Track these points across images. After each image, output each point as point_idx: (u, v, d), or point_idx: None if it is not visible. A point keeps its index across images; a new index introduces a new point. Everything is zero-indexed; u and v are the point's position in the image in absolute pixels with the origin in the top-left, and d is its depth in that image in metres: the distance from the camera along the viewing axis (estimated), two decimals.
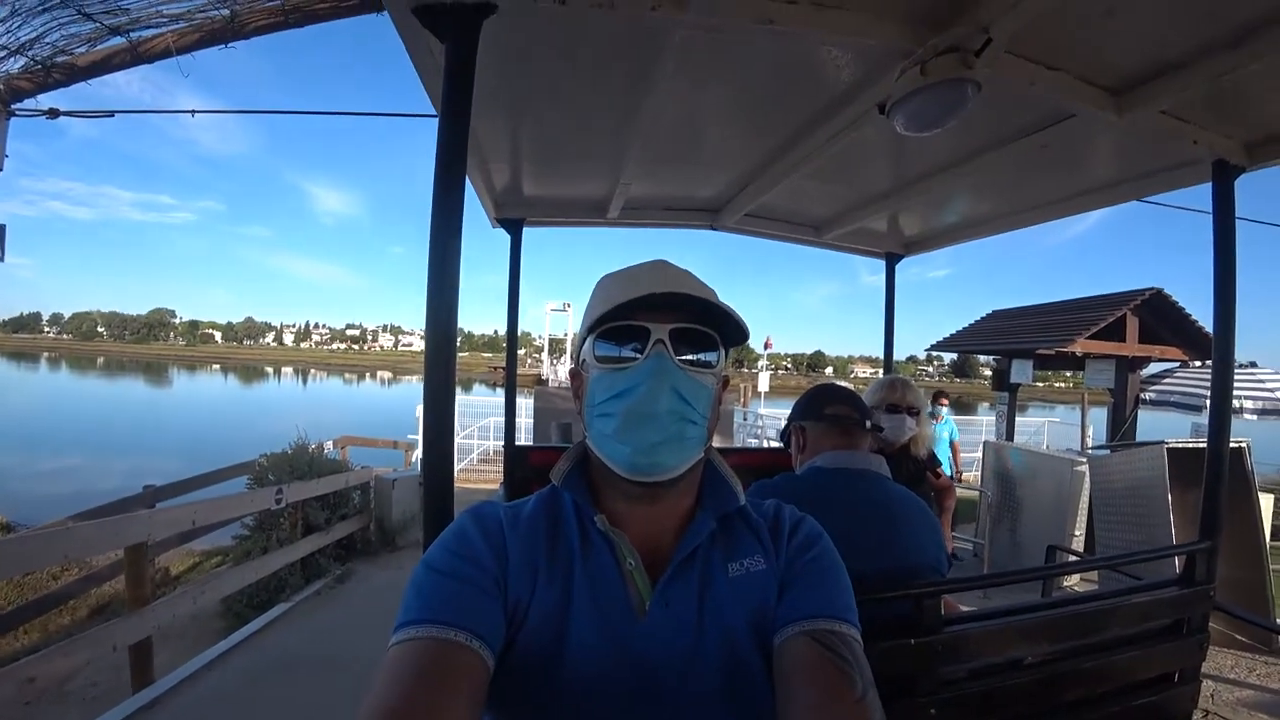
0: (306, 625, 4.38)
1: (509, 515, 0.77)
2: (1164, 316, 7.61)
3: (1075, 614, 1.56)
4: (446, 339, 1.24)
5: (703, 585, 0.76)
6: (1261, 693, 3.53)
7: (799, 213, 3.18)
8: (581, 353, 0.81)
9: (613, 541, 0.75)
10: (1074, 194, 2.46)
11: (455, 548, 0.72)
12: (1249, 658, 3.94)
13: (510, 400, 3.26)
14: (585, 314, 0.82)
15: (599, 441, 0.77)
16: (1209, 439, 1.87)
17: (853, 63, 1.60)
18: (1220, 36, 1.37)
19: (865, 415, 1.53)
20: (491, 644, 0.66)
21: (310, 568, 5.32)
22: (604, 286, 0.83)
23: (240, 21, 2.64)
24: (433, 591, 0.67)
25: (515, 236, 3.03)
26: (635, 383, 0.73)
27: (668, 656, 0.71)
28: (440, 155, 1.23)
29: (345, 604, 4.90)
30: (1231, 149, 1.80)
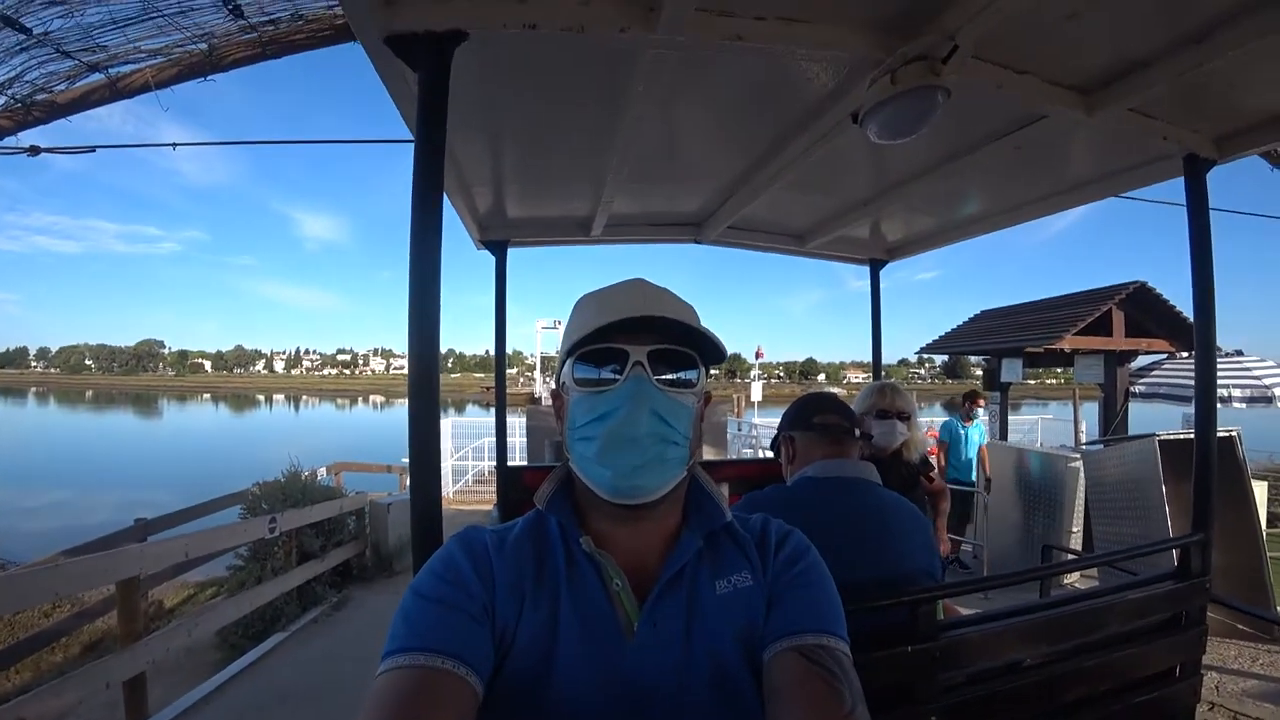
0: (304, 654, 4.32)
1: (495, 540, 0.77)
2: (1149, 309, 7.67)
3: (1073, 613, 1.55)
4: (429, 363, 1.25)
5: (690, 604, 0.75)
6: (1266, 682, 3.53)
7: (781, 223, 3.21)
8: (561, 375, 0.81)
9: (599, 563, 0.75)
10: (1051, 193, 2.50)
11: (443, 573, 0.72)
12: (1252, 647, 3.94)
13: (500, 420, 3.25)
14: (564, 335, 0.82)
15: (581, 464, 0.77)
16: (1196, 429, 1.88)
17: (824, 74, 1.62)
18: (1183, 34, 1.40)
19: (854, 423, 1.53)
20: (480, 671, 0.65)
21: (307, 596, 5.26)
22: (582, 308, 0.83)
23: (218, 55, 2.65)
24: (420, 619, 0.67)
25: (500, 258, 3.04)
26: (614, 406, 0.73)
27: (657, 677, 0.71)
28: (417, 181, 1.23)
29: (343, 631, 4.84)
30: (1201, 143, 1.83)
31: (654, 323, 0.74)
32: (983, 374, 9.91)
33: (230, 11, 2.48)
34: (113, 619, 4.59)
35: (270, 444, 26.59)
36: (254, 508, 5.64)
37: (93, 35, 2.64)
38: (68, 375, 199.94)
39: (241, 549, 5.27)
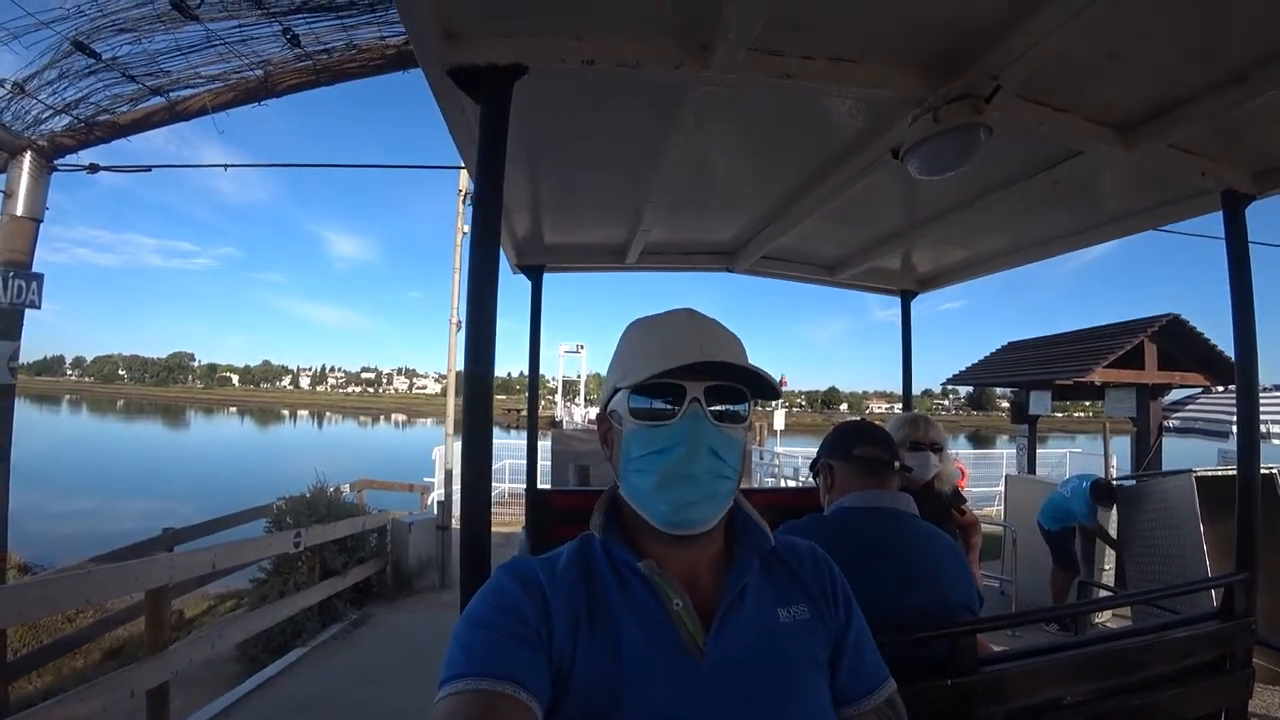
0: (323, 670, 4.34)
1: (545, 570, 0.77)
2: (1182, 342, 7.52)
3: (1114, 650, 1.53)
4: (484, 390, 1.28)
5: (758, 626, 0.78)
6: None
7: (813, 254, 3.24)
8: (612, 403, 0.82)
9: (655, 585, 0.76)
10: (1086, 227, 2.50)
11: (497, 603, 0.72)
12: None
13: (532, 445, 3.28)
14: (617, 363, 0.84)
15: (635, 495, 0.79)
16: (1239, 466, 1.85)
17: (866, 111, 1.66)
18: (1224, 73, 1.42)
19: (894, 455, 1.52)
20: (540, 698, 0.66)
21: (327, 612, 5.29)
22: (637, 339, 0.84)
23: (273, 81, 2.78)
24: (478, 646, 0.68)
25: (536, 283, 3.11)
26: (674, 442, 0.75)
27: (733, 694, 0.72)
28: (478, 210, 1.29)
29: (362, 648, 4.86)
30: (1240, 179, 1.84)
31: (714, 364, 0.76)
32: (1009, 406, 9.75)
33: (288, 41, 2.60)
34: (134, 626, 4.67)
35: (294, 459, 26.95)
36: (279, 522, 5.71)
37: (158, 61, 2.79)
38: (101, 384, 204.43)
39: (265, 562, 5.33)
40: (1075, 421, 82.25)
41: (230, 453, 40.89)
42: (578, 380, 36.43)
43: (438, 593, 6.32)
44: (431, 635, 5.10)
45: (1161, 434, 7.33)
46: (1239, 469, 1.84)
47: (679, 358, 0.75)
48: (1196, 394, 7.81)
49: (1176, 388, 7.68)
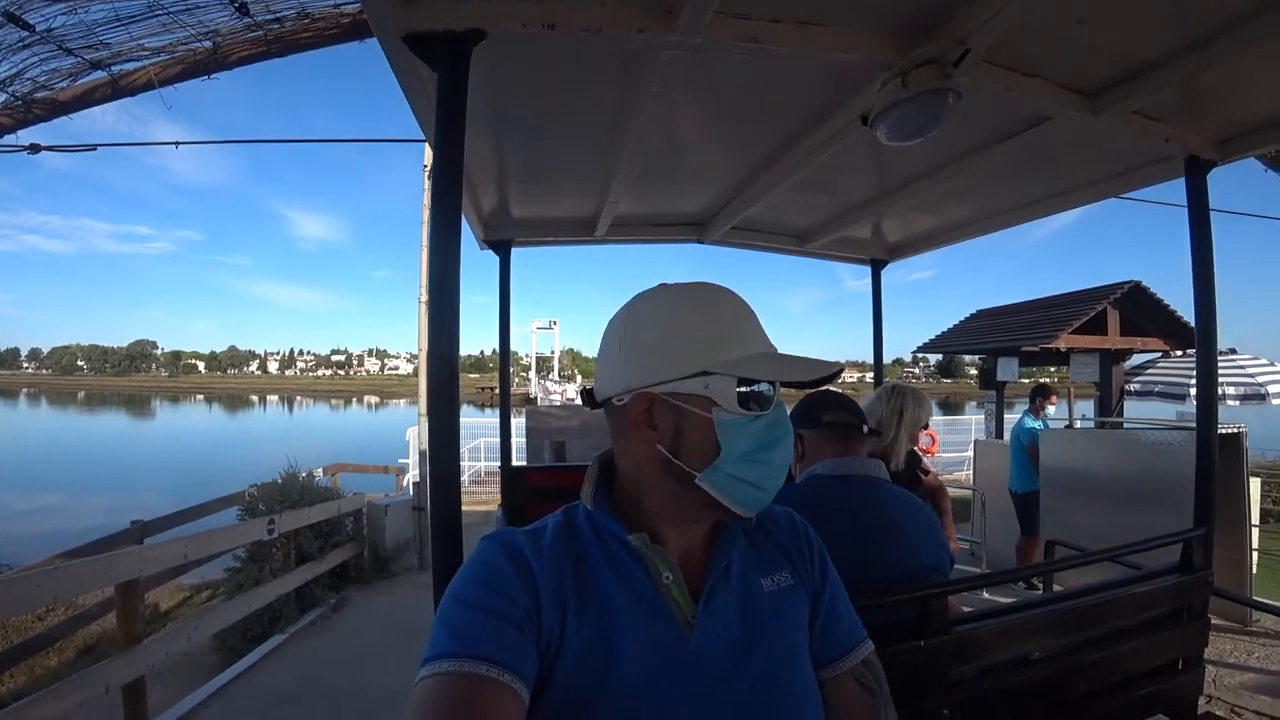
0: (303, 657, 4.32)
1: (532, 544, 0.75)
2: (1144, 308, 7.75)
3: (1079, 607, 1.58)
4: (449, 366, 1.25)
5: (743, 597, 0.79)
6: (1262, 675, 3.58)
7: (784, 223, 3.24)
8: (688, 385, 0.74)
9: (645, 559, 0.75)
10: (1054, 194, 2.53)
11: (485, 579, 0.70)
12: (1248, 641, 3.99)
13: (505, 421, 3.26)
14: (693, 338, 0.75)
15: (729, 486, 0.74)
16: (1198, 427, 1.91)
17: (835, 76, 1.65)
18: (1188, 39, 1.43)
19: (862, 420, 1.54)
20: (526, 679, 0.65)
21: (305, 598, 5.24)
22: (718, 318, 0.78)
23: (223, 53, 2.65)
24: (464, 625, 0.66)
25: (504, 258, 3.06)
26: (778, 434, 0.76)
27: (724, 666, 0.73)
28: (437, 181, 1.25)
29: (342, 633, 4.84)
30: (1202, 145, 1.87)
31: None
32: (978, 373, 9.97)
33: (236, 9, 2.48)
34: (108, 622, 4.57)
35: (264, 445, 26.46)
36: (251, 509, 5.62)
37: (96, 32, 2.63)
38: (60, 376, 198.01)
39: (239, 551, 5.25)
40: None
41: (198, 442, 40.00)
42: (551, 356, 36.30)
43: (416, 574, 6.30)
44: (412, 617, 5.09)
45: (1123, 397, 7.58)
46: (1198, 430, 1.90)
47: (763, 345, 0.77)
48: (1156, 358, 8.07)
49: (1138, 352, 7.92)
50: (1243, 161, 2.04)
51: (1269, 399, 6.86)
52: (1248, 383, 6.94)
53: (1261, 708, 3.18)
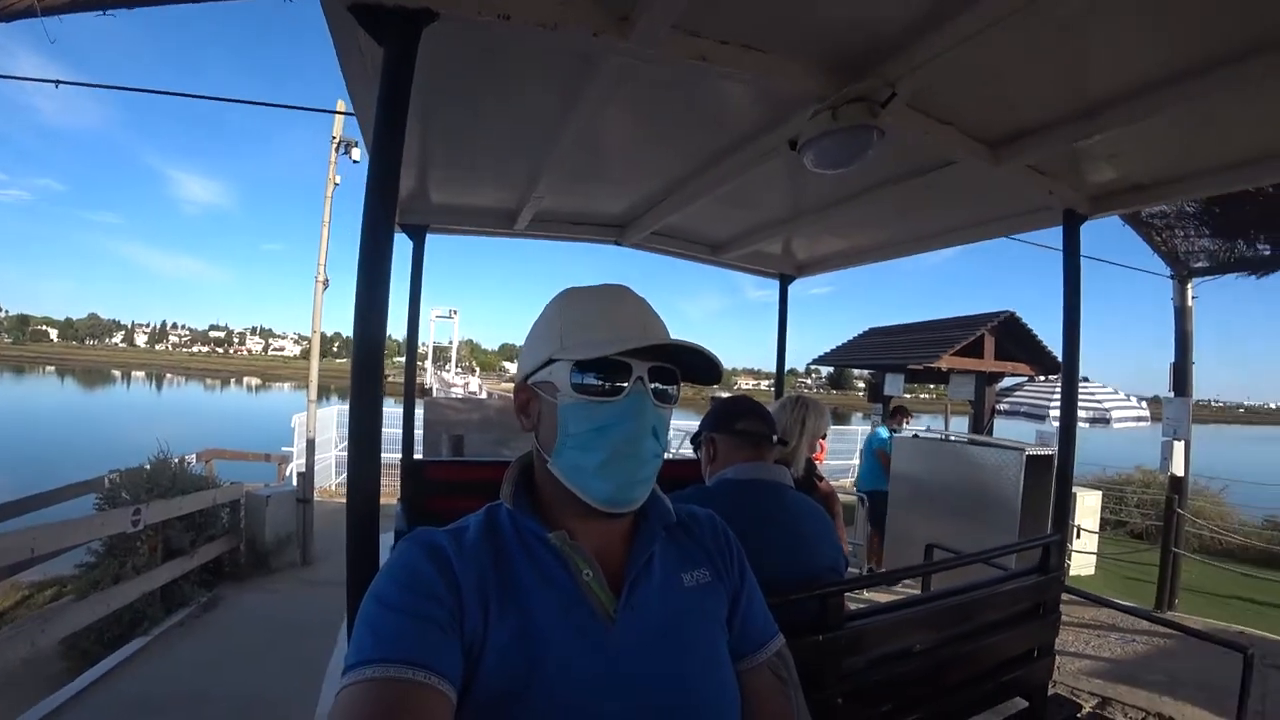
0: (170, 660, 3.95)
1: (453, 543, 0.75)
2: (1015, 336, 8.60)
3: (954, 604, 1.73)
4: (375, 352, 1.20)
5: (664, 591, 0.81)
6: (1096, 661, 4.11)
7: (701, 233, 3.33)
8: (543, 373, 0.79)
9: (565, 556, 0.77)
10: (950, 229, 2.77)
11: (407, 581, 0.70)
12: (1086, 632, 4.54)
13: (409, 412, 3.15)
14: (550, 331, 0.80)
15: (571, 472, 0.76)
16: (1059, 445, 2.17)
17: (770, 101, 1.73)
18: (1078, 109, 1.63)
19: (773, 429, 1.61)
20: (453, 680, 0.65)
21: (173, 596, 4.79)
22: (576, 309, 0.82)
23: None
24: (388, 628, 0.65)
25: (418, 243, 2.95)
26: (619, 420, 0.75)
27: (645, 661, 0.75)
28: (374, 165, 1.20)
29: (214, 634, 4.47)
30: (1079, 200, 2.13)
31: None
32: (866, 386, 10.67)
33: None
34: None
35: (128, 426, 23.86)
36: (112, 498, 5.07)
37: None
38: None
39: (95, 545, 4.72)
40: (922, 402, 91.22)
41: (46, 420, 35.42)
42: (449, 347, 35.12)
43: (298, 570, 5.92)
44: (292, 614, 4.79)
45: (994, 415, 8.35)
46: (1059, 447, 2.16)
47: (628, 336, 0.76)
48: (1023, 382, 8.95)
49: (1009, 376, 8.76)
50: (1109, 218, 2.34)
51: (1112, 423, 7.81)
52: (1096, 408, 7.86)
53: (1094, 689, 3.67)
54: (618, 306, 0.82)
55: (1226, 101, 1.52)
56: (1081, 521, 6.78)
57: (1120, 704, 3.51)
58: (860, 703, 1.49)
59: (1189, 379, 5.73)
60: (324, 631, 3.00)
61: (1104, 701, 3.53)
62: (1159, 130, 1.72)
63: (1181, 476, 5.77)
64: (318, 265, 7.36)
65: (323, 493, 8.86)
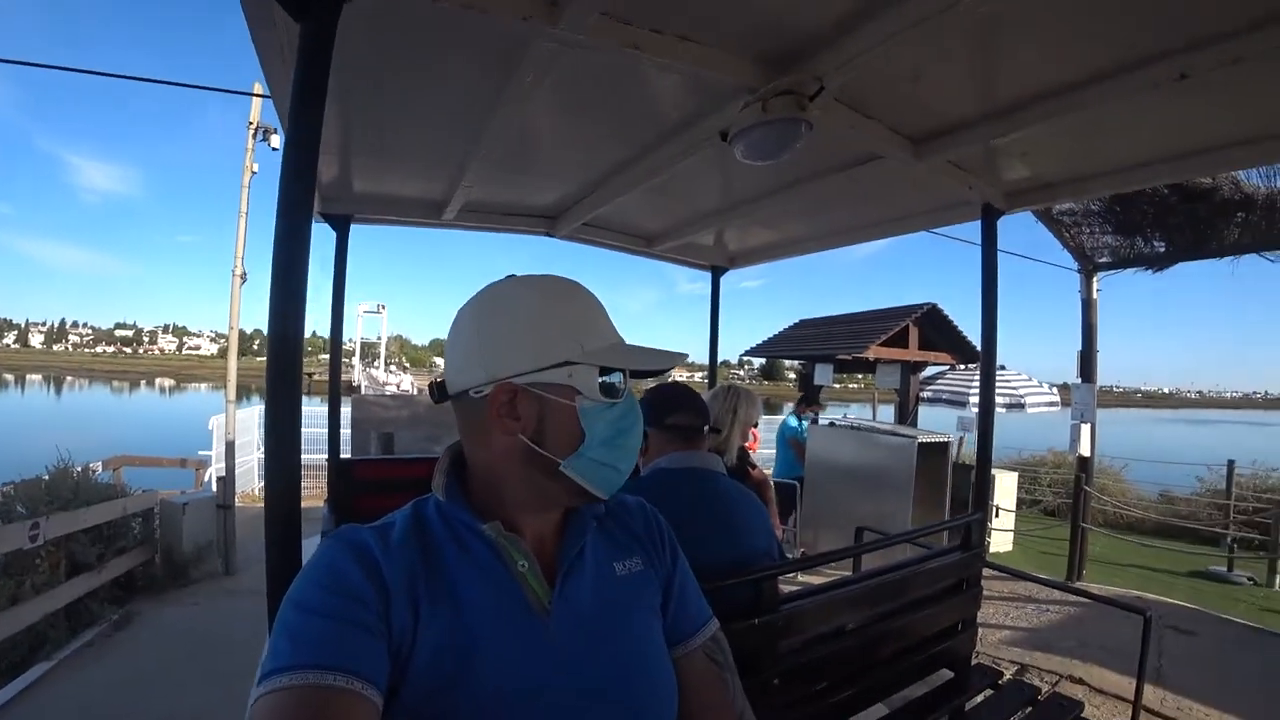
0: (77, 685, 3.66)
1: (379, 541, 0.72)
2: (938, 326, 9.00)
3: (883, 582, 1.79)
4: (293, 351, 1.14)
5: (597, 581, 0.81)
6: (1015, 631, 4.37)
7: (633, 225, 3.34)
8: (551, 375, 0.75)
9: (500, 547, 0.75)
10: (877, 222, 2.87)
11: (329, 583, 0.66)
12: (1006, 604, 4.83)
13: (334, 411, 3.03)
14: (560, 334, 0.77)
15: (593, 471, 0.77)
16: (979, 429, 2.29)
17: (701, 92, 1.74)
18: (996, 107, 1.72)
19: (705, 420, 1.62)
20: (378, 683, 0.62)
21: (79, 615, 4.45)
22: (574, 311, 0.80)
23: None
24: (307, 633, 0.62)
25: (341, 234, 2.83)
26: (632, 419, 0.81)
27: (581, 651, 0.74)
28: (290, 150, 1.13)
29: (127, 653, 4.17)
30: (995, 196, 2.24)
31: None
32: (796, 377, 10.97)
33: None
34: None
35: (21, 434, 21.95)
36: (5, 512, 4.65)
37: None
38: None
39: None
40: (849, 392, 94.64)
41: None
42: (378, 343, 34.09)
43: (220, 580, 5.60)
44: (214, 627, 4.53)
45: (918, 403, 8.74)
46: (979, 432, 2.28)
47: (617, 337, 0.82)
48: (944, 370, 9.40)
49: (932, 365, 9.17)
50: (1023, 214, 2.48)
51: (1027, 408, 8.32)
52: (1012, 394, 8.35)
53: (1013, 657, 3.91)
54: (594, 305, 0.83)
55: (1125, 107, 1.63)
56: (1000, 501, 7.21)
57: (1037, 669, 3.75)
58: (796, 682, 1.53)
59: (1094, 366, 6.15)
60: (249, 643, 2.84)
61: (1022, 668, 3.77)
62: (1067, 131, 1.84)
63: (1088, 457, 6.20)
64: (235, 258, 6.95)
65: (245, 497, 8.43)
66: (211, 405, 10.37)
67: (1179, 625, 4.47)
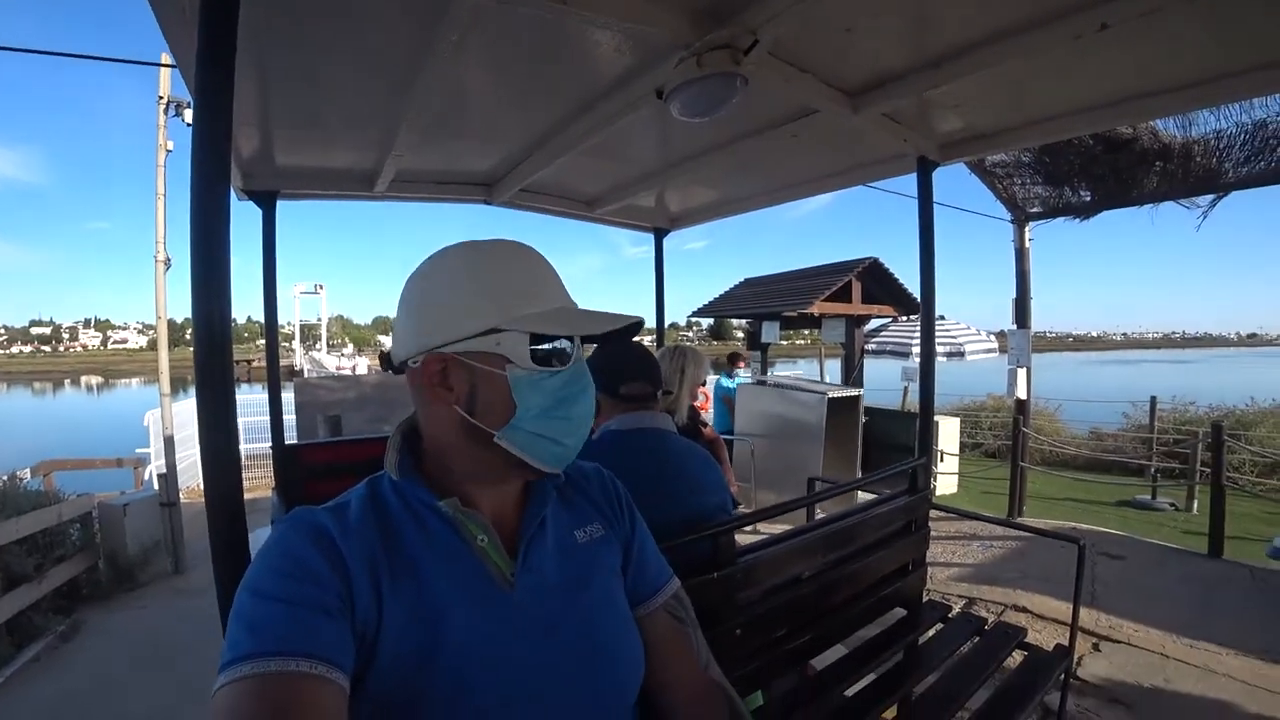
0: (27, 704, 3.50)
1: (335, 521, 0.70)
2: (879, 280, 9.23)
3: (836, 529, 1.85)
4: (220, 335, 1.09)
5: (559, 550, 0.81)
6: (962, 567, 4.64)
7: (572, 189, 3.29)
8: (478, 343, 0.72)
9: (458, 523, 0.74)
10: (816, 177, 2.90)
11: (286, 568, 0.64)
12: (952, 543, 5.09)
13: (275, 396, 2.93)
14: (486, 299, 0.73)
15: (530, 443, 0.73)
16: (921, 380, 2.37)
17: (634, 49, 1.70)
18: (926, 59, 1.74)
19: (658, 387, 1.61)
20: (344, 668, 0.60)
21: (23, 629, 4.24)
22: (502, 273, 0.75)
23: None
24: (266, 621, 0.60)
25: (268, 211, 2.69)
26: (581, 387, 0.77)
27: (545, 621, 0.74)
28: (200, 119, 1.06)
29: (78, 664, 4.01)
30: (929, 148, 2.28)
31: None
32: (744, 335, 11.10)
33: None
34: None
35: None
36: None
37: None
38: None
39: None
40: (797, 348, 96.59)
41: None
42: (318, 324, 32.99)
43: (171, 579, 5.40)
44: (169, 627, 4.40)
45: (863, 356, 9.00)
46: (921, 382, 2.37)
47: (562, 301, 0.77)
48: (888, 323, 9.68)
49: (875, 318, 9.43)
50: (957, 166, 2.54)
51: (966, 356, 8.66)
52: (952, 343, 8.68)
53: (961, 591, 4.16)
54: (538, 268, 0.78)
55: (1051, 58, 1.68)
56: (944, 446, 7.54)
57: (983, 601, 3.99)
58: (757, 631, 1.57)
59: (1028, 313, 6.43)
60: (205, 643, 2.77)
61: (970, 601, 4.00)
62: (997, 83, 1.87)
63: (1025, 400, 6.52)
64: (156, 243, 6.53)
65: (190, 493, 8.11)
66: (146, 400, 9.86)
67: (1109, 551, 4.82)
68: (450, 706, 0.65)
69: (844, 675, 1.81)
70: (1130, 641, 3.43)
